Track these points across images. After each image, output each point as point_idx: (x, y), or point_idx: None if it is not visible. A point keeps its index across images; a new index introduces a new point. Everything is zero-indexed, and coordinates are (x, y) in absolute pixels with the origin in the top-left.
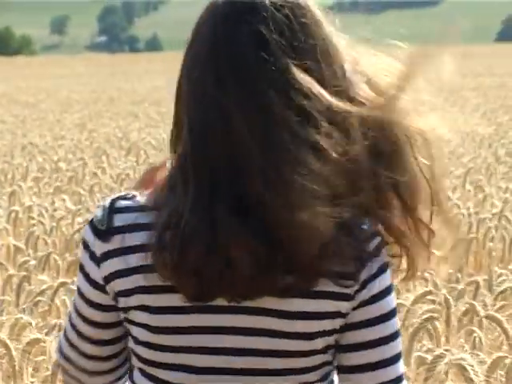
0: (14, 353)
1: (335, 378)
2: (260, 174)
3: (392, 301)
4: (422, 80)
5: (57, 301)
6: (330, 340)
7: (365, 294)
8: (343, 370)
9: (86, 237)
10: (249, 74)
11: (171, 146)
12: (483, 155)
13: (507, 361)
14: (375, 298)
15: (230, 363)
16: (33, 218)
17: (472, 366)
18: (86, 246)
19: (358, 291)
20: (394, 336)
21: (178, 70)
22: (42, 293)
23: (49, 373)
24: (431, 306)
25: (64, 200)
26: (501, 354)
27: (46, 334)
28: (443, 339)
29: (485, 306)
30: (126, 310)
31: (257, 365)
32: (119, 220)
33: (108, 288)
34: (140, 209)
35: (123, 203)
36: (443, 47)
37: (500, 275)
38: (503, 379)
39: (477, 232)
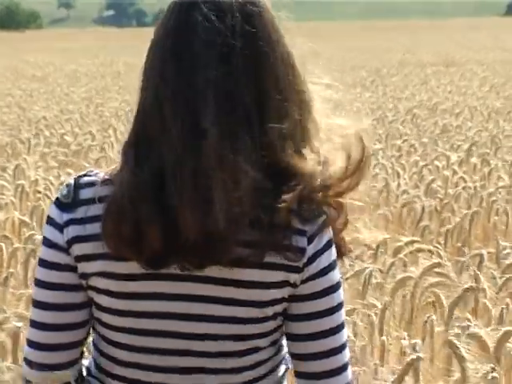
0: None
1: (284, 342)
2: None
3: (337, 274)
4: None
5: None
6: (280, 308)
7: (314, 268)
8: (292, 337)
9: (51, 213)
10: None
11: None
12: (490, 128)
13: None
14: (323, 271)
15: (184, 327)
16: (39, 192)
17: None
18: (49, 220)
19: (306, 264)
20: (339, 306)
21: None
22: None
23: None
24: (438, 279)
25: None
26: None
27: None
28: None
29: (493, 278)
30: (87, 276)
31: (211, 330)
32: (83, 194)
33: (70, 251)
34: (101, 183)
35: (86, 179)
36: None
37: (504, 248)
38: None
39: (480, 205)
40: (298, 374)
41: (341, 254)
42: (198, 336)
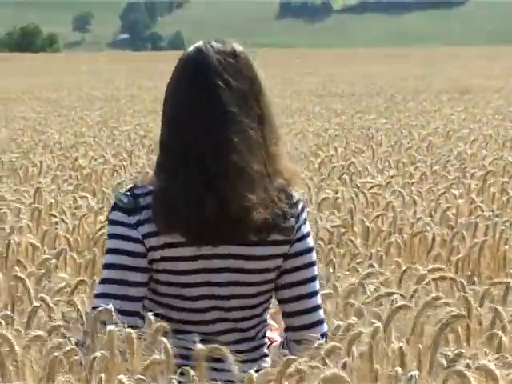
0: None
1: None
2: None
3: (311, 241)
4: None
5: (75, 298)
6: (278, 271)
7: (298, 236)
8: (281, 287)
9: (117, 217)
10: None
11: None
12: (507, 157)
13: None
14: (302, 238)
15: (216, 291)
16: (54, 216)
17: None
18: (115, 222)
19: (294, 237)
20: (314, 263)
21: None
22: (60, 290)
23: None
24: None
25: (85, 198)
26: None
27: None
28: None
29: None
30: (153, 261)
31: (235, 291)
32: (142, 202)
33: (145, 243)
34: (149, 193)
35: (138, 191)
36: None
37: None
38: None
39: (493, 235)
40: (284, 314)
41: None
42: (225, 297)
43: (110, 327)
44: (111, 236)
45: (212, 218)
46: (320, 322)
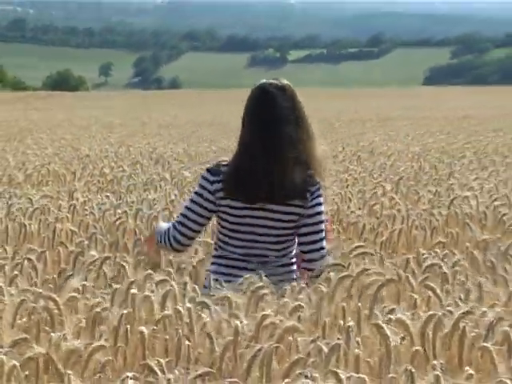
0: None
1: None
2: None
3: (322, 206)
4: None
5: (102, 270)
6: (292, 225)
7: (310, 204)
8: (300, 233)
9: (205, 175)
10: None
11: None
12: (415, 167)
13: (436, 317)
14: (312, 206)
15: (258, 230)
16: (86, 210)
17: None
18: (204, 178)
19: (310, 201)
20: (321, 221)
21: (192, 104)
22: (91, 263)
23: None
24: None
25: (108, 197)
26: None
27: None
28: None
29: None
30: (220, 206)
31: (270, 231)
32: (222, 169)
33: (216, 195)
34: (226, 165)
35: (223, 162)
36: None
37: (423, 254)
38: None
39: (407, 223)
40: (300, 244)
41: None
42: (263, 235)
43: (132, 291)
44: (198, 187)
45: (261, 190)
46: (322, 256)
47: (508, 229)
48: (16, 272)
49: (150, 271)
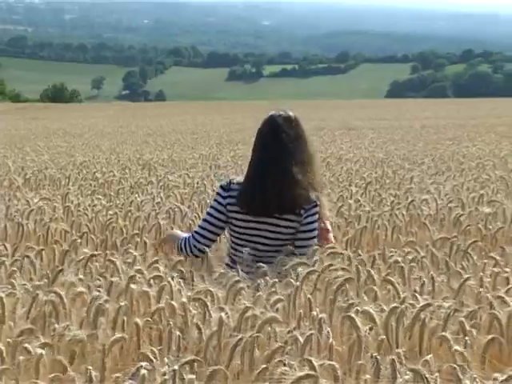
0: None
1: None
2: (277, 174)
3: (315, 223)
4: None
5: (92, 266)
6: (289, 237)
7: (304, 221)
8: (296, 243)
9: (219, 191)
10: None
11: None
12: (378, 172)
13: (398, 310)
14: (307, 223)
15: (260, 239)
16: (79, 211)
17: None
18: (218, 194)
19: (304, 219)
20: (314, 236)
21: (176, 114)
22: (82, 259)
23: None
24: (344, 272)
25: (99, 199)
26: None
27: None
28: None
29: (380, 271)
30: (231, 218)
31: (268, 241)
32: (233, 186)
33: (228, 208)
34: (237, 183)
35: (235, 181)
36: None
37: (389, 251)
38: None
39: (371, 223)
40: (296, 248)
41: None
42: (264, 240)
43: (132, 287)
44: (213, 201)
45: (261, 205)
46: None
47: (464, 229)
48: (14, 268)
49: (139, 267)
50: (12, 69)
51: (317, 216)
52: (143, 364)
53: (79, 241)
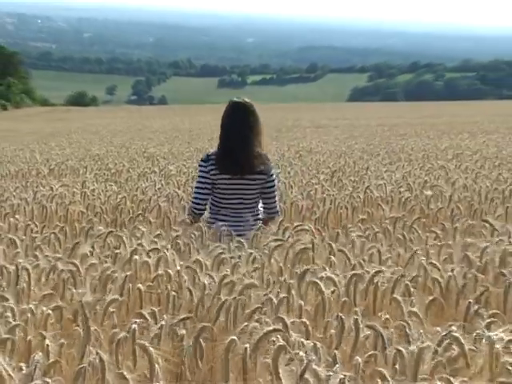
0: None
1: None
2: (240, 145)
3: (275, 181)
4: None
5: (108, 241)
6: (259, 189)
7: (269, 179)
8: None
9: (200, 163)
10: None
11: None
12: (341, 162)
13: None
14: (271, 175)
15: (238, 193)
16: (94, 195)
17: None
18: (201, 165)
19: (269, 176)
20: (275, 191)
21: (176, 116)
22: (99, 236)
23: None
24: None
25: (111, 185)
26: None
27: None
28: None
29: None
30: (215, 179)
31: (246, 192)
32: (211, 157)
33: (210, 173)
34: (214, 154)
35: (211, 152)
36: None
37: (349, 228)
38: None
39: (335, 204)
40: (262, 206)
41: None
42: (242, 195)
43: (136, 257)
44: (199, 172)
45: (238, 166)
46: (275, 212)
47: (411, 208)
48: (39, 243)
49: (141, 241)
50: (40, 79)
51: (275, 176)
52: (137, 321)
53: (94, 219)
